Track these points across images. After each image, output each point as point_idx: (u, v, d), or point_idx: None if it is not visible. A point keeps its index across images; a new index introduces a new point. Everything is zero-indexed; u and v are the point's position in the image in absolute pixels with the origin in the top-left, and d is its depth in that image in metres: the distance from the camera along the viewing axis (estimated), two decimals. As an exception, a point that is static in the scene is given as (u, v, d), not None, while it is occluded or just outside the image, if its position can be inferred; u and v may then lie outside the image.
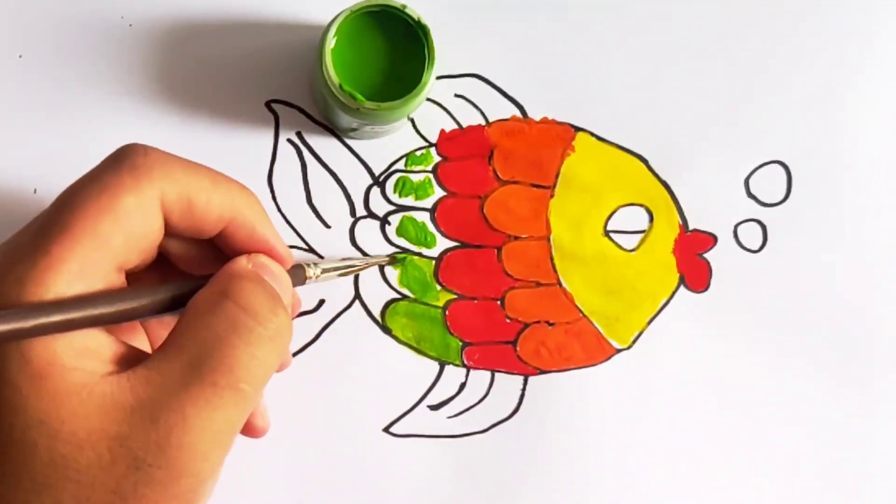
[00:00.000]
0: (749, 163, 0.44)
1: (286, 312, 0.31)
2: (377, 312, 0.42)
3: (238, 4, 0.42)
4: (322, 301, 0.42)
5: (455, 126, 0.43)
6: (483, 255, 0.42)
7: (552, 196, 0.43)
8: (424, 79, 0.38)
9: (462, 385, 0.42)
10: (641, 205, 0.43)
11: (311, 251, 0.42)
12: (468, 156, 0.43)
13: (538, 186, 0.43)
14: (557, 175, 0.43)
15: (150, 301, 0.30)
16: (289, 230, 0.42)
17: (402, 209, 0.42)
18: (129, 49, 0.41)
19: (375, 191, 0.42)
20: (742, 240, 0.44)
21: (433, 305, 0.42)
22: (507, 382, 0.42)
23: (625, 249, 0.43)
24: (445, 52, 0.41)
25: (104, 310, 0.28)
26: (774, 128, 0.44)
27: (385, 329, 0.42)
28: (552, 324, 0.42)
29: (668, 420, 0.43)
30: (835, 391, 0.43)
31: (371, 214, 0.42)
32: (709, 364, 0.43)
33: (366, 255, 0.42)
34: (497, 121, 0.43)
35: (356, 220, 0.42)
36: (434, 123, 0.42)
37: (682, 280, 0.43)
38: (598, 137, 0.43)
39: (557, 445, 0.42)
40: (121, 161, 0.30)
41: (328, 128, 0.42)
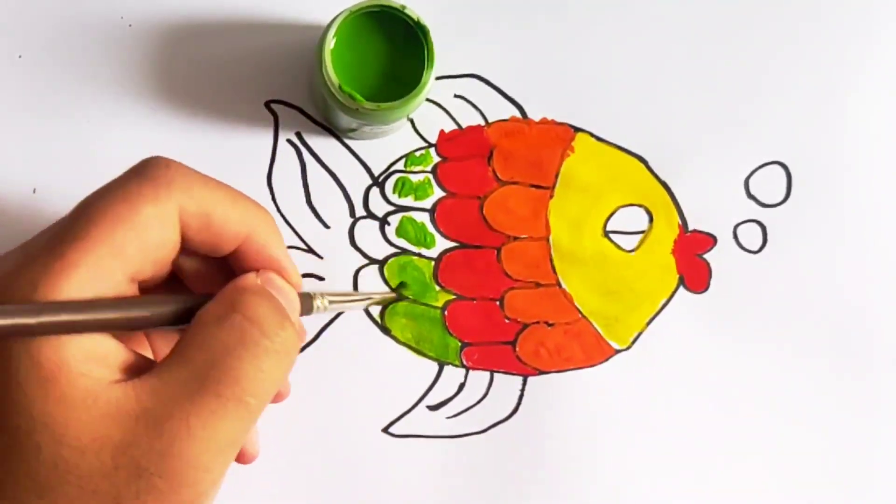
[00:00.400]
0: (749, 163, 0.44)
1: (294, 328, 0.31)
2: (376, 313, 0.42)
3: (238, 5, 0.42)
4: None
5: (454, 126, 0.43)
6: (482, 256, 0.42)
7: (552, 196, 0.43)
8: (424, 79, 0.38)
9: (461, 385, 0.42)
10: (641, 205, 0.43)
11: (311, 251, 0.42)
12: (468, 156, 0.43)
13: (537, 187, 0.43)
14: (557, 175, 0.43)
15: (160, 311, 0.30)
16: (288, 230, 0.42)
17: (402, 209, 0.42)
18: (129, 49, 0.41)
19: (375, 191, 0.42)
20: (742, 240, 0.43)
21: (432, 306, 0.42)
22: (507, 383, 0.42)
23: (624, 250, 0.43)
24: (445, 53, 0.41)
25: (113, 315, 0.28)
26: (774, 128, 0.44)
27: (384, 329, 0.42)
28: (551, 324, 0.42)
29: (668, 421, 0.43)
30: (835, 391, 0.43)
31: (370, 215, 0.42)
32: (708, 365, 0.43)
33: (373, 294, 0.41)
34: (496, 121, 0.43)
35: (355, 221, 0.42)
36: (433, 124, 0.42)
37: (682, 281, 0.43)
38: (598, 138, 0.43)
39: (556, 446, 0.42)
40: (142, 172, 0.30)
41: (328, 128, 0.42)
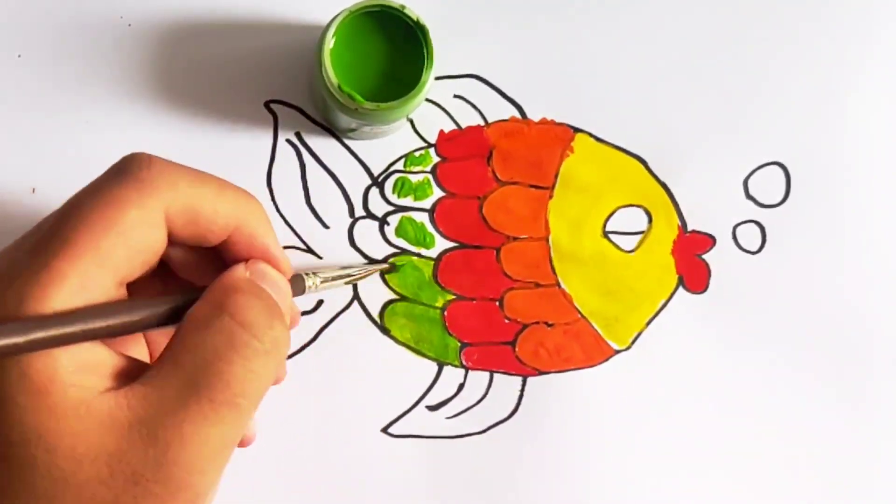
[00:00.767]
0: (748, 164, 0.44)
1: (283, 324, 0.30)
2: (376, 313, 0.42)
3: (237, 5, 0.42)
4: (321, 301, 0.42)
5: (454, 126, 0.43)
6: (482, 256, 0.42)
7: (551, 197, 0.43)
8: (423, 79, 0.38)
9: (461, 386, 0.42)
10: (640, 206, 0.43)
11: (310, 252, 0.42)
12: (467, 156, 0.43)
13: (537, 187, 0.43)
14: (556, 176, 0.43)
15: (149, 314, 0.30)
16: (287, 231, 0.42)
17: (401, 210, 0.42)
18: (128, 49, 0.41)
19: (374, 191, 0.42)
20: (741, 241, 0.43)
21: (432, 306, 0.42)
22: (506, 383, 0.42)
23: (624, 250, 0.43)
24: (444, 53, 0.41)
25: (103, 323, 0.28)
26: (773, 129, 0.44)
27: (384, 329, 0.42)
28: (551, 324, 0.42)
29: (667, 421, 0.43)
30: (834, 392, 0.43)
31: (370, 215, 0.42)
32: (707, 365, 0.43)
33: (365, 263, 0.42)
34: (496, 121, 0.43)
35: (355, 221, 0.42)
36: (433, 124, 0.42)
37: (681, 281, 0.43)
38: (597, 138, 0.43)
39: (556, 446, 0.42)
40: (124, 173, 0.29)
41: (327, 128, 0.42)
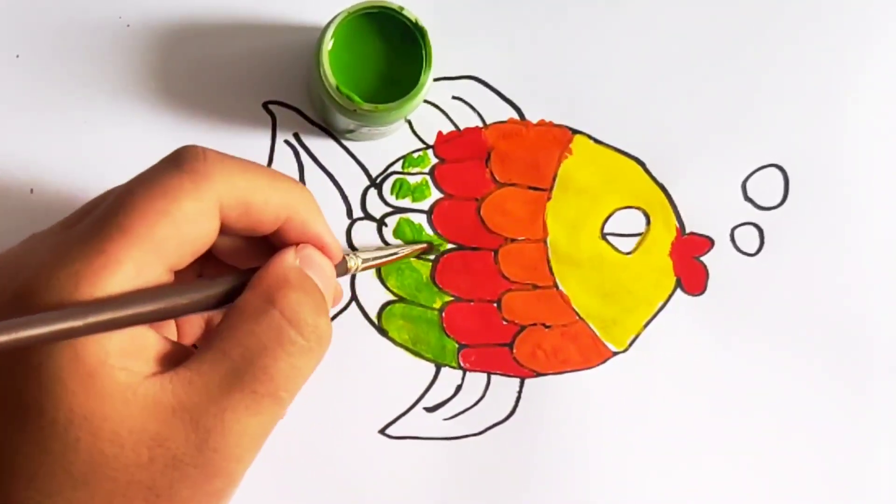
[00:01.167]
0: (746, 166, 0.44)
1: (328, 320, 0.31)
2: (374, 314, 0.42)
3: (236, 5, 0.42)
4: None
5: (452, 128, 0.43)
6: (480, 258, 0.42)
7: (549, 199, 0.43)
8: (422, 81, 0.38)
9: (458, 387, 0.42)
10: (638, 208, 0.43)
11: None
12: (465, 158, 0.43)
13: (535, 189, 0.43)
14: (554, 177, 0.43)
15: (200, 298, 0.30)
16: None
17: (399, 211, 0.42)
18: (127, 49, 0.41)
19: (372, 192, 0.42)
20: (739, 243, 0.43)
21: (430, 307, 0.42)
22: (504, 385, 0.42)
23: (621, 252, 0.43)
24: (443, 54, 0.41)
25: (155, 307, 0.28)
26: (772, 131, 0.44)
27: (381, 331, 0.42)
28: (548, 326, 0.42)
29: (665, 423, 0.43)
30: (832, 394, 0.43)
31: (368, 216, 0.42)
32: (705, 367, 0.43)
33: (403, 244, 0.42)
34: (494, 123, 0.43)
35: (353, 222, 0.42)
36: (431, 125, 0.42)
37: (679, 283, 0.43)
38: (596, 140, 0.43)
39: (553, 448, 0.42)
40: (180, 164, 0.30)
41: (325, 129, 0.42)
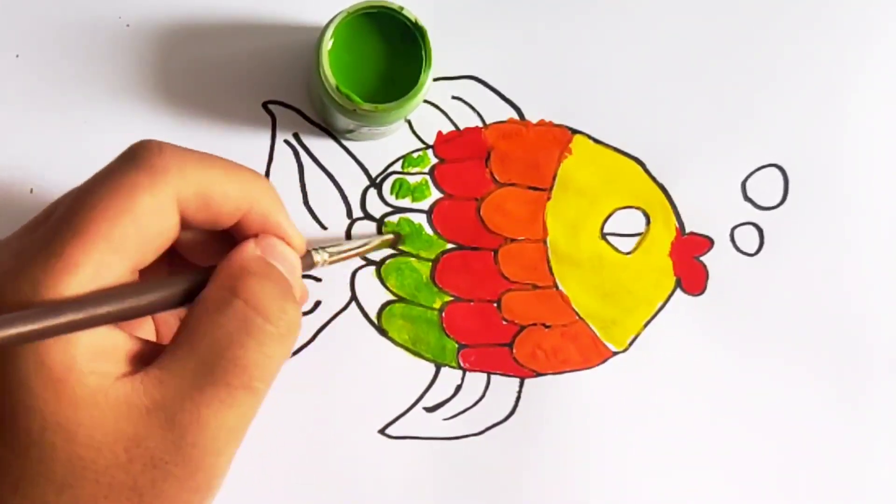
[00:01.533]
0: (746, 166, 0.44)
1: (296, 305, 0.31)
2: (373, 314, 0.42)
3: (235, 5, 0.42)
4: (318, 302, 0.42)
5: (452, 128, 0.43)
6: (479, 258, 0.42)
7: (549, 198, 0.43)
8: (421, 80, 0.38)
9: (458, 387, 0.42)
10: (638, 208, 0.43)
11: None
12: (465, 158, 0.42)
13: (535, 189, 0.43)
14: (554, 177, 0.43)
15: (162, 296, 0.30)
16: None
17: (399, 211, 0.42)
18: (127, 49, 0.41)
19: (372, 192, 0.42)
20: (739, 243, 0.43)
21: (430, 307, 0.42)
22: (503, 385, 0.42)
23: (621, 252, 0.43)
24: (442, 54, 0.41)
25: (117, 307, 0.28)
26: (772, 131, 0.44)
27: (381, 331, 0.42)
28: (548, 326, 0.42)
29: (664, 423, 0.43)
30: (831, 394, 0.43)
31: (368, 216, 0.42)
32: (705, 367, 0.43)
33: (369, 236, 0.42)
34: (494, 123, 0.43)
35: (353, 222, 0.42)
36: (431, 125, 0.42)
37: (679, 283, 0.43)
38: (596, 140, 0.43)
39: (553, 448, 0.42)
40: (135, 160, 0.29)
41: (325, 129, 0.42)
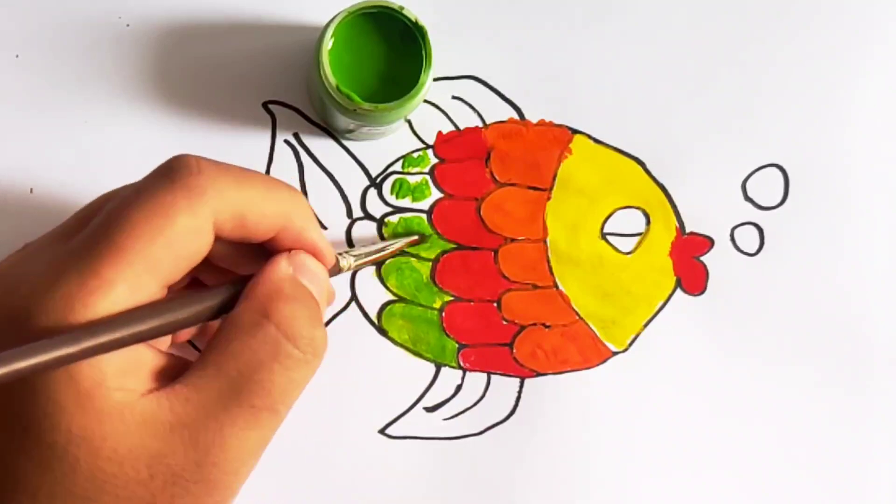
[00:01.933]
0: (746, 166, 0.44)
1: (324, 332, 0.31)
2: (373, 314, 0.42)
3: (235, 5, 0.42)
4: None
5: (452, 128, 0.43)
6: (479, 257, 0.42)
7: (549, 198, 0.43)
8: (421, 80, 0.38)
9: (458, 387, 0.42)
10: (638, 207, 0.43)
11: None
12: (465, 158, 0.42)
13: (535, 189, 0.43)
14: (554, 177, 0.43)
15: (194, 313, 0.30)
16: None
17: (399, 211, 0.42)
18: (127, 49, 0.41)
19: (372, 192, 0.42)
20: (739, 243, 0.43)
21: (430, 307, 0.42)
22: (504, 384, 0.42)
23: (621, 252, 0.43)
24: (443, 54, 0.41)
25: (149, 325, 0.28)
26: (772, 131, 0.44)
27: (381, 331, 0.42)
28: (548, 326, 0.42)
29: (664, 423, 0.43)
30: (831, 395, 0.43)
31: (368, 216, 0.42)
32: (705, 367, 0.43)
33: (391, 237, 0.42)
34: (494, 123, 0.43)
35: (353, 222, 0.42)
36: (431, 125, 0.42)
37: (679, 283, 0.43)
38: (596, 140, 0.43)
39: (553, 448, 0.42)
40: (173, 178, 0.29)
41: (325, 129, 0.42)
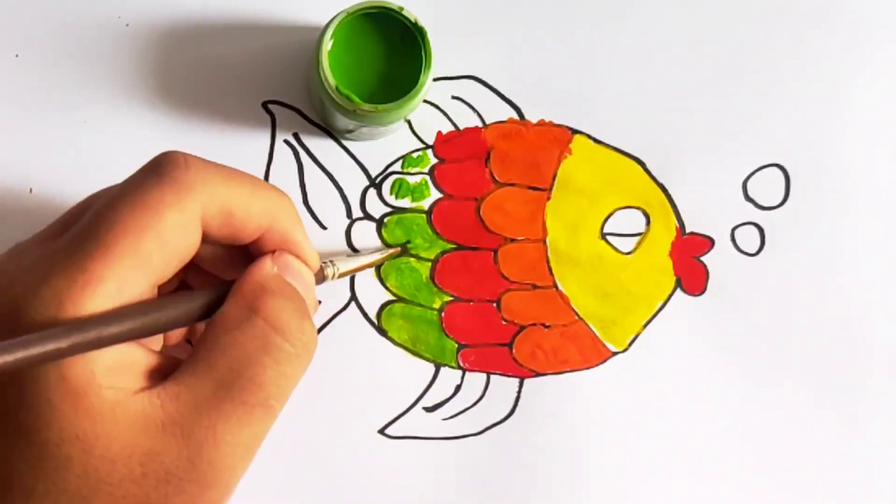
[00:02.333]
0: (747, 166, 0.44)
1: (312, 325, 0.31)
2: (373, 314, 0.42)
3: (235, 5, 0.42)
4: (318, 302, 0.41)
5: (452, 128, 0.43)
6: (479, 258, 0.42)
7: (549, 198, 0.43)
8: (421, 81, 0.38)
9: (458, 387, 0.42)
10: (638, 207, 0.43)
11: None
12: (465, 158, 0.42)
13: (535, 189, 0.43)
14: (554, 177, 0.43)
15: (183, 312, 0.30)
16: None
17: (399, 211, 0.42)
18: (126, 49, 0.41)
19: (372, 192, 0.42)
20: (739, 243, 0.43)
21: (429, 307, 0.42)
22: (503, 385, 0.42)
23: (621, 252, 0.43)
24: (442, 54, 0.41)
25: (139, 323, 0.28)
26: (773, 131, 0.44)
27: (381, 331, 0.42)
28: (548, 326, 0.42)
29: (664, 423, 0.43)
30: (831, 395, 0.43)
31: (367, 216, 0.42)
32: (705, 367, 0.43)
33: (376, 249, 0.42)
34: (494, 123, 0.43)
35: (352, 222, 0.42)
36: (431, 125, 0.42)
37: (679, 283, 0.43)
38: (596, 140, 0.43)
39: (552, 448, 0.42)
40: (161, 174, 0.29)
41: (325, 129, 0.42)
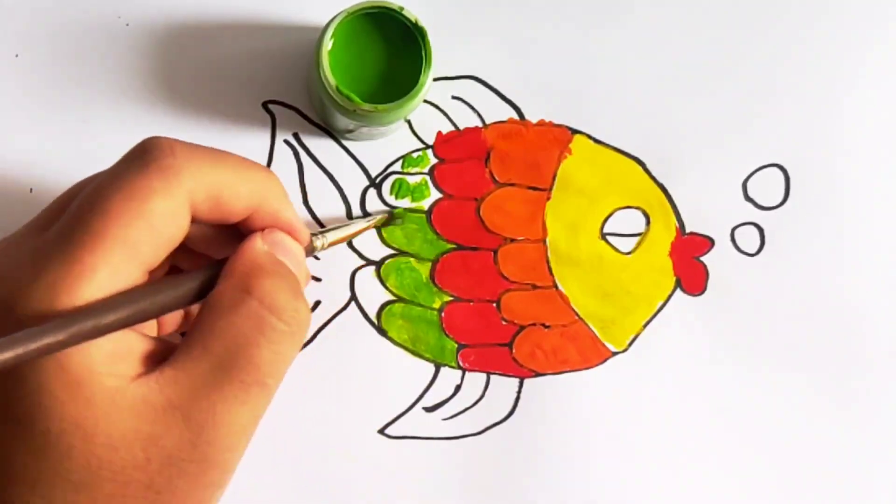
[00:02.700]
0: (747, 166, 0.44)
1: (305, 303, 0.31)
2: (373, 314, 0.42)
3: (235, 5, 0.42)
4: (318, 302, 0.42)
5: (452, 128, 0.43)
6: (479, 258, 0.42)
7: (549, 198, 0.43)
8: (421, 81, 0.38)
9: (457, 387, 0.42)
10: (638, 208, 0.43)
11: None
12: (465, 158, 0.42)
13: (535, 189, 0.43)
14: (554, 177, 0.43)
15: (177, 295, 0.30)
16: (285, 231, 0.41)
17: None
18: (126, 49, 0.41)
19: (372, 192, 0.42)
20: (739, 243, 0.43)
21: (429, 307, 0.42)
22: (503, 385, 0.42)
23: (621, 252, 0.43)
24: (442, 54, 0.41)
25: (134, 309, 0.28)
26: (773, 131, 0.44)
27: (381, 331, 0.42)
28: (548, 326, 0.42)
29: (664, 423, 0.43)
30: (832, 394, 0.43)
31: (367, 216, 0.42)
32: (704, 367, 0.43)
33: (362, 217, 0.42)
34: (494, 123, 0.43)
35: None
36: (431, 125, 0.42)
37: (679, 283, 0.43)
38: (596, 140, 0.43)
39: (552, 448, 0.42)
40: (147, 160, 0.29)
41: (325, 129, 0.42)
